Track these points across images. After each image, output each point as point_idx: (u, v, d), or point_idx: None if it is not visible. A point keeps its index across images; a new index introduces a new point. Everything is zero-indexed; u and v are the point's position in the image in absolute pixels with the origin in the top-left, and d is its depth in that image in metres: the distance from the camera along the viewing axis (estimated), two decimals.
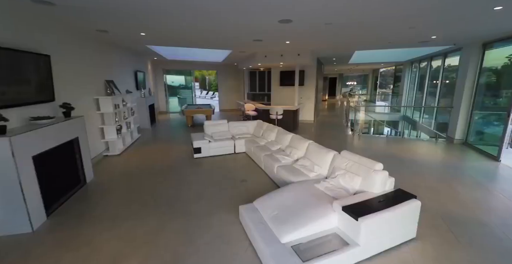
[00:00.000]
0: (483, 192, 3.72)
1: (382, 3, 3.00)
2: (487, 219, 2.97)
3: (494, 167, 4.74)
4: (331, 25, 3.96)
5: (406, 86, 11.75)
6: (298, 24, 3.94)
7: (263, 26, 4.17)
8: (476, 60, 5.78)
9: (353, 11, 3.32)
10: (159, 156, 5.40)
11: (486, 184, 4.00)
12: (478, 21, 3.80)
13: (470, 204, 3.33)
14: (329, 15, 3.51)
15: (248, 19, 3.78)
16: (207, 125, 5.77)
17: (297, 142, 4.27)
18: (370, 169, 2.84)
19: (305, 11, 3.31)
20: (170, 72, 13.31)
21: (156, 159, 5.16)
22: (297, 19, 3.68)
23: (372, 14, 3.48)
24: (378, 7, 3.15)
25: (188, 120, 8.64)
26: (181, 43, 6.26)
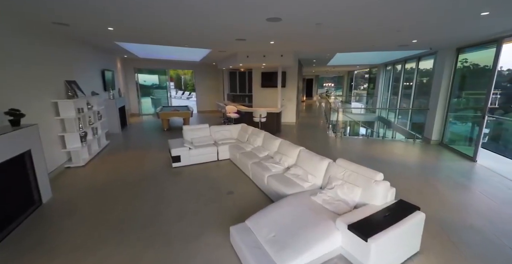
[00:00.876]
0: (468, 194, 3.78)
1: (375, 3, 2.85)
2: (480, 224, 2.96)
3: (472, 168, 4.92)
4: (321, 25, 3.76)
5: (381, 87, 12.18)
6: (288, 23, 3.69)
7: (249, 25, 3.85)
8: (451, 63, 6.02)
9: (345, 10, 3.14)
10: (132, 166, 4.82)
11: (468, 185, 4.09)
12: (461, 26, 3.85)
13: (459, 208, 3.33)
14: (321, 14, 3.30)
15: (234, 16, 3.44)
16: (186, 130, 5.30)
17: (286, 148, 4.02)
18: (370, 179, 2.66)
19: (296, 9, 3.06)
20: (143, 71, 12.41)
21: (128, 170, 4.59)
22: (287, 18, 3.42)
23: (364, 15, 3.34)
24: (371, 6, 3.00)
25: (164, 123, 8.02)
26: (156, 41, 5.71)
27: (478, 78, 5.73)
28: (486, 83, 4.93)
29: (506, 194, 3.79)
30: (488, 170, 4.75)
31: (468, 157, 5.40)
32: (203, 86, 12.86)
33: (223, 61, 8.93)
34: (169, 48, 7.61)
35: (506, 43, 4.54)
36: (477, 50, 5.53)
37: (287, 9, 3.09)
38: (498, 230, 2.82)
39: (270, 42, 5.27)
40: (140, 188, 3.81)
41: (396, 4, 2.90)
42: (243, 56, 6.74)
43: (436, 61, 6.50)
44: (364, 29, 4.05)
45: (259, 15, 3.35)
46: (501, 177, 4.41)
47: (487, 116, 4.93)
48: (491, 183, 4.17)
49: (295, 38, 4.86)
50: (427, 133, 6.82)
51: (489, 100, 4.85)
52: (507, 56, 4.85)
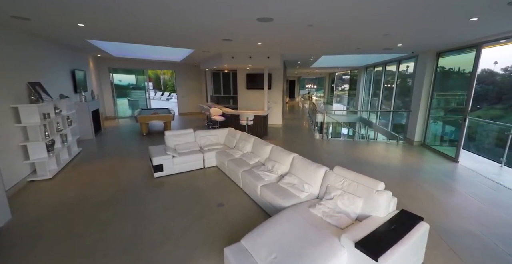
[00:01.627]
0: (458, 197, 3.82)
1: (369, 4, 2.74)
2: (476, 229, 2.96)
3: (455, 168, 5.06)
4: (312, 27, 3.62)
5: (362, 89, 12.46)
6: (279, 24, 3.50)
7: (238, 24, 3.61)
8: (432, 67, 6.20)
9: (338, 13, 3.02)
10: (108, 177, 4.36)
11: (457, 187, 4.16)
12: (448, 31, 3.89)
13: (454, 213, 3.33)
14: (313, 16, 3.15)
15: (222, 15, 3.19)
16: (169, 136, 4.92)
17: (278, 154, 3.81)
18: (371, 189, 2.53)
19: (289, 9, 2.87)
20: (118, 71, 11.63)
21: (104, 182, 4.13)
22: (278, 18, 3.22)
23: (356, 18, 3.24)
24: (364, 10, 2.90)
25: (143, 127, 7.50)
26: (134, 40, 5.28)
27: (457, 80, 5.94)
28: (464, 85, 5.10)
29: (490, 195, 3.88)
30: (470, 171, 4.90)
31: (450, 157, 5.57)
32: (184, 87, 12.36)
33: (206, 62, 8.58)
34: (148, 47, 7.14)
35: (485, 47, 4.71)
36: (456, 54, 5.73)
37: (280, 9, 2.90)
38: (495, 236, 2.83)
39: (257, 43, 5.06)
40: (117, 204, 3.41)
41: (389, 9, 2.81)
42: (228, 56, 6.47)
43: (418, 65, 6.67)
44: (355, 32, 3.97)
45: (249, 15, 3.13)
46: (482, 177, 4.56)
47: (468, 119, 5.09)
48: (475, 184, 4.28)
49: (284, 39, 4.69)
50: (410, 134, 6.99)
51: (470, 103, 5.01)
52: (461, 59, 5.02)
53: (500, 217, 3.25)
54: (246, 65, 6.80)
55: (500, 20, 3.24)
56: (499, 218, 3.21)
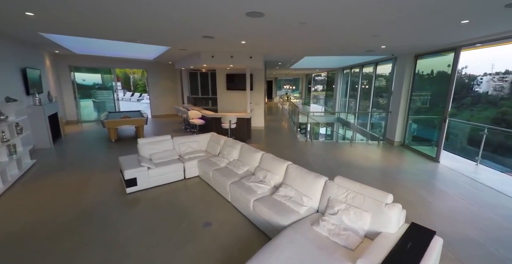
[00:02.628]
0: (447, 199, 3.82)
1: (364, 6, 2.54)
2: (473, 234, 2.91)
3: (437, 168, 5.16)
4: (305, 25, 3.35)
5: (339, 90, 12.67)
6: (269, 21, 3.17)
7: (224, 19, 3.22)
8: (410, 69, 6.33)
9: (333, 11, 2.79)
10: (69, 195, 3.69)
11: (443, 189, 4.18)
12: (436, 32, 3.87)
13: (448, 217, 3.29)
14: (308, 12, 2.88)
15: (206, 9, 2.78)
16: (143, 144, 4.34)
17: (270, 162, 3.49)
18: (380, 202, 2.31)
19: (283, 3, 2.56)
20: (82, 70, 10.45)
21: (63, 203, 3.47)
22: (270, 14, 2.90)
23: (350, 17, 3.03)
24: (360, 10, 2.70)
25: (111, 133, 6.71)
26: (97, 34, 4.59)
27: (435, 82, 6.13)
28: (441, 86, 5.23)
29: (476, 195, 3.95)
30: (451, 171, 5.02)
31: (431, 157, 5.70)
32: (157, 87, 11.52)
33: (182, 61, 7.98)
34: (115, 44, 6.41)
35: (463, 50, 4.84)
36: (433, 56, 5.90)
37: (273, 3, 2.57)
38: (494, 241, 2.78)
39: (241, 42, 4.68)
40: (82, 231, 2.82)
41: (385, 9, 2.64)
42: (207, 56, 6.00)
43: (397, 67, 6.80)
44: (346, 31, 3.79)
45: (238, 9, 2.76)
46: (464, 177, 4.68)
47: (448, 120, 5.23)
48: (460, 184, 4.35)
49: (273, 38, 4.37)
50: (390, 135, 7.11)
51: (450, 104, 5.15)
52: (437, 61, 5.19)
53: (491, 219, 3.26)
54: (227, 65, 6.39)
55: (492, 23, 3.25)
56: (491, 221, 3.22)
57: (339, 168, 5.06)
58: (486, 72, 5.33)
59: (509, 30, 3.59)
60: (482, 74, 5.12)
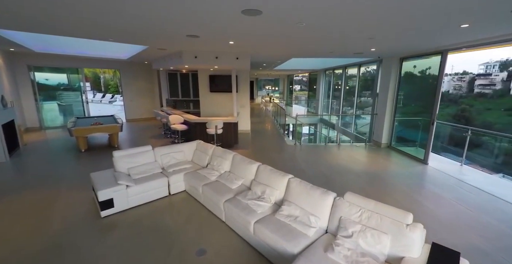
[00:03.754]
0: (445, 204, 3.77)
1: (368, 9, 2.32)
2: (479, 243, 2.84)
3: (428, 171, 5.19)
4: (303, 25, 3.06)
5: (322, 91, 12.71)
6: (266, 19, 2.84)
7: (214, 17, 2.83)
8: (396, 71, 6.36)
9: (334, 12, 2.56)
10: (29, 222, 3.07)
11: (439, 193, 4.15)
12: (433, 36, 3.79)
13: (451, 225, 3.21)
14: (307, 11, 2.60)
15: (198, 5, 2.38)
16: (119, 157, 3.78)
17: (268, 176, 3.15)
18: (399, 223, 2.09)
19: (282, 1, 2.24)
20: (45, 69, 9.32)
21: (22, 232, 2.85)
22: (269, 12, 2.57)
23: (350, 18, 2.81)
24: (363, 11, 2.48)
25: (80, 142, 5.95)
26: (62, 32, 3.94)
27: (420, 84, 6.21)
28: (427, 88, 5.26)
29: (471, 199, 3.95)
30: (441, 173, 5.07)
31: (419, 159, 5.75)
32: (132, 88, 10.68)
33: (161, 61, 7.37)
34: (82, 41, 5.70)
35: (450, 53, 4.89)
36: (418, 59, 5.96)
37: (273, 0, 2.24)
38: (499, 249, 2.73)
39: (229, 42, 4.29)
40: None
41: (387, 10, 2.44)
42: (190, 56, 5.51)
43: (382, 69, 6.81)
44: (343, 32, 3.57)
45: (234, 5, 2.39)
46: (454, 179, 4.72)
47: (436, 122, 5.28)
48: (453, 188, 4.37)
49: (265, 38, 4.04)
50: (376, 136, 7.13)
51: (437, 107, 5.20)
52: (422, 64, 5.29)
53: (493, 226, 3.23)
54: (212, 66, 5.95)
55: (490, 27, 3.21)
56: (493, 227, 3.18)
57: (333, 174, 4.88)
58: (447, 73, 5.64)
59: (504, 34, 3.61)
60: (420, 72, 5.48)
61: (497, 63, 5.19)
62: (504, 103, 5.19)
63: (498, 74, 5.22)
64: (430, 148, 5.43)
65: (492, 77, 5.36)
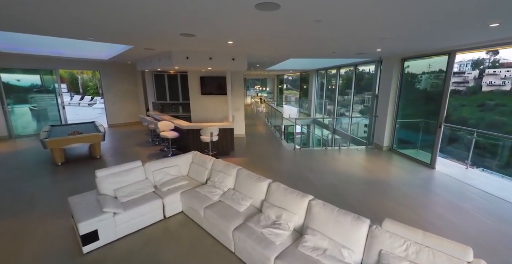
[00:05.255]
0: (467, 216, 3.53)
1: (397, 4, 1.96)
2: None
3: (437, 176, 4.99)
4: (320, 23, 2.66)
5: (314, 92, 12.46)
6: (282, 15, 2.40)
7: (222, 12, 2.34)
8: (398, 72, 6.14)
9: (356, 10, 2.19)
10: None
11: (456, 202, 3.91)
12: (453, 35, 3.51)
13: (481, 241, 2.97)
14: (329, 8, 2.20)
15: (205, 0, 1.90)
16: (103, 177, 3.20)
17: (283, 196, 2.72)
18: (458, 260, 1.73)
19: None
20: (16, 71, 8.32)
21: None
22: (287, 5, 2.12)
23: (370, 17, 2.43)
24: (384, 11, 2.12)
25: (56, 155, 5.23)
26: (31, 29, 3.29)
27: (424, 84, 6.03)
28: (430, 89, 5.07)
29: (490, 208, 3.75)
30: (451, 178, 4.87)
31: (425, 163, 5.55)
32: (114, 91, 9.88)
33: (146, 62, 6.73)
34: (56, 40, 5.00)
35: (458, 53, 4.69)
36: (420, 59, 5.77)
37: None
38: None
39: (228, 41, 3.81)
40: None
41: (416, 11, 2.09)
42: (180, 56, 4.96)
43: (383, 70, 6.58)
44: (357, 31, 3.20)
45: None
46: (466, 185, 4.53)
47: (443, 125, 5.08)
48: (467, 194, 4.16)
49: (271, 37, 3.57)
50: (377, 139, 6.91)
51: (445, 109, 4.99)
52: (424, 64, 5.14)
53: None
54: (205, 67, 5.42)
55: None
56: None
57: (342, 183, 4.55)
58: (424, 71, 5.73)
59: None
60: (421, 73, 5.53)
61: (470, 62, 5.38)
62: (476, 99, 5.48)
63: (471, 72, 5.45)
64: (438, 152, 5.23)
65: (466, 75, 5.54)
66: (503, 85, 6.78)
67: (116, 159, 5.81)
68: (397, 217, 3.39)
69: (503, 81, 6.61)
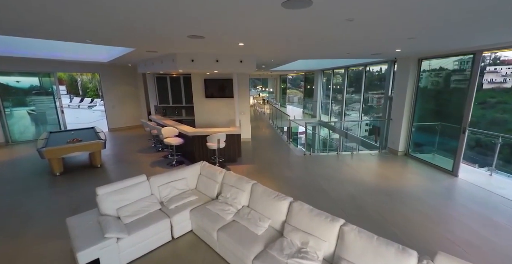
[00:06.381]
0: (505, 233, 3.21)
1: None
2: None
3: (461, 185, 4.66)
4: (353, 22, 2.34)
5: (319, 92, 12.13)
6: (312, 12, 2.08)
7: (239, 11, 2.03)
8: (415, 72, 5.81)
9: (396, 5, 1.83)
10: None
11: (491, 217, 3.57)
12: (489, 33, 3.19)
13: None
14: (365, 5, 1.87)
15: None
16: (104, 195, 2.89)
17: (308, 219, 2.41)
18: None
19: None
20: (14, 73, 7.98)
21: None
22: (319, 2, 1.80)
23: (411, 13, 2.11)
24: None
25: (54, 164, 4.92)
26: (33, 32, 2.97)
27: (443, 85, 5.70)
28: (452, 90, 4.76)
29: None
30: (475, 187, 4.55)
31: (445, 170, 5.24)
32: (114, 93, 9.57)
33: (148, 64, 6.40)
34: (53, 42, 4.70)
35: (485, 53, 4.37)
36: (438, 59, 5.44)
37: None
38: None
39: (239, 43, 3.48)
40: None
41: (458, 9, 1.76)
42: (185, 59, 4.63)
43: (398, 71, 6.23)
44: (386, 30, 2.88)
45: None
46: (496, 196, 4.20)
47: (467, 130, 4.76)
48: (500, 207, 3.84)
49: (289, 38, 3.23)
50: (392, 144, 6.58)
51: (470, 113, 4.67)
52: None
53: None
54: (211, 70, 5.09)
55: None
56: None
57: (361, 194, 4.23)
58: (425, 69, 5.76)
59: None
60: (422, 70, 5.72)
61: (470, 59, 5.19)
62: (478, 97, 5.31)
63: (448, 70, 5.42)
64: (461, 159, 4.90)
65: (466, 72, 5.38)
66: (504, 82, 6.63)
67: (117, 168, 5.51)
68: (430, 236, 3.09)
69: (504, 79, 6.50)
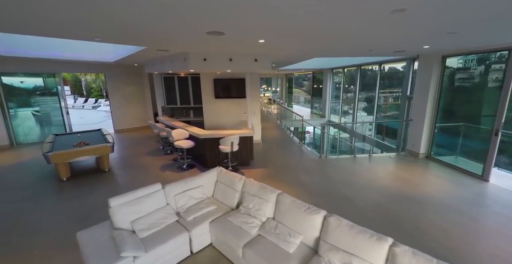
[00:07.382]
0: None
1: None
2: None
3: (493, 191, 4.34)
4: (404, 13, 2.04)
5: (329, 92, 11.81)
6: (358, 5, 1.79)
7: (280, 3, 1.75)
8: (438, 71, 5.48)
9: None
10: None
11: None
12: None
13: None
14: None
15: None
16: (117, 207, 2.63)
17: (348, 237, 2.13)
18: None
19: None
20: (18, 74, 7.79)
21: None
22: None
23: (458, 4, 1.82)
24: None
25: (61, 169, 4.70)
26: (39, 29, 2.71)
27: (472, 84, 5.37)
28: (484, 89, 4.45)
29: None
30: (510, 193, 4.24)
31: (473, 174, 4.92)
32: (120, 93, 9.36)
33: (156, 63, 6.15)
34: (58, 42, 4.47)
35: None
36: (464, 57, 5.12)
37: None
38: None
39: (259, 40, 3.20)
40: None
41: None
42: (197, 58, 4.37)
43: (420, 68, 5.90)
44: (432, 23, 2.57)
45: None
46: None
47: (500, 133, 4.43)
48: None
49: (311, 34, 2.94)
50: (412, 145, 6.25)
51: (503, 114, 4.35)
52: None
53: None
54: (224, 70, 4.82)
55: None
56: None
57: (389, 203, 3.93)
58: (451, 66, 5.50)
59: None
60: (446, 67, 5.51)
61: (475, 57, 5.01)
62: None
63: (476, 67, 5.14)
64: (492, 163, 4.58)
65: (471, 71, 5.20)
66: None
67: (126, 172, 5.27)
68: (477, 254, 2.79)
69: None
